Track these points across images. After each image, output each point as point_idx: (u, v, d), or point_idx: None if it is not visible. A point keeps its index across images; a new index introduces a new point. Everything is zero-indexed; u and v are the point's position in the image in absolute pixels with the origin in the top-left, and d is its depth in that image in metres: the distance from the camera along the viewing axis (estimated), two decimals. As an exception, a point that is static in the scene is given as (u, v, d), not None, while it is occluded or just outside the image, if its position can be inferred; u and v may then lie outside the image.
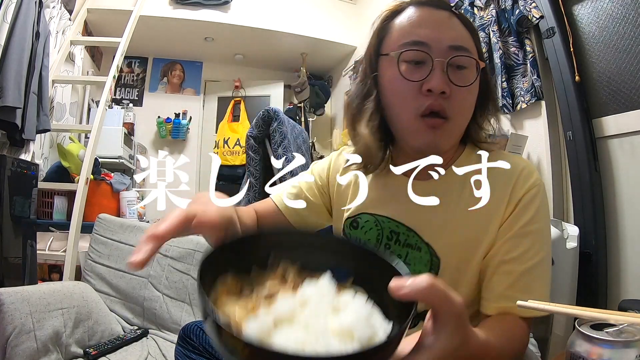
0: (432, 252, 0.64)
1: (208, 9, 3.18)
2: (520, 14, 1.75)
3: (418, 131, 0.62)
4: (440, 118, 0.60)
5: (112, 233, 1.57)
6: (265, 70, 4.09)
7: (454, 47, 0.61)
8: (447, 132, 0.62)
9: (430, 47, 0.61)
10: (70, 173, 2.21)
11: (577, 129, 1.59)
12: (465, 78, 0.61)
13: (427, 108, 0.60)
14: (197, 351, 0.82)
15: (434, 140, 0.61)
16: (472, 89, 0.63)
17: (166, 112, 3.68)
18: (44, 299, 1.16)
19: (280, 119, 1.97)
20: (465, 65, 0.61)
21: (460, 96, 0.61)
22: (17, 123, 1.75)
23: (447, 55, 0.60)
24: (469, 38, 0.64)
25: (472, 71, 0.62)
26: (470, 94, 0.63)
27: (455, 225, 0.64)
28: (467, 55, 0.61)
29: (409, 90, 0.61)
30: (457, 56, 0.60)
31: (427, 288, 0.35)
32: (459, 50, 0.61)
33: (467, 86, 0.61)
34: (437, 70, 0.60)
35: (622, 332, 0.40)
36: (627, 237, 1.51)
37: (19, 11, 1.82)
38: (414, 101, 0.61)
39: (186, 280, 1.46)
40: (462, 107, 0.62)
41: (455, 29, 0.63)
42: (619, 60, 1.50)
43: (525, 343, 0.59)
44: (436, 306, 0.37)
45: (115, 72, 2.37)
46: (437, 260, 0.64)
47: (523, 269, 0.60)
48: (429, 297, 0.35)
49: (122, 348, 1.29)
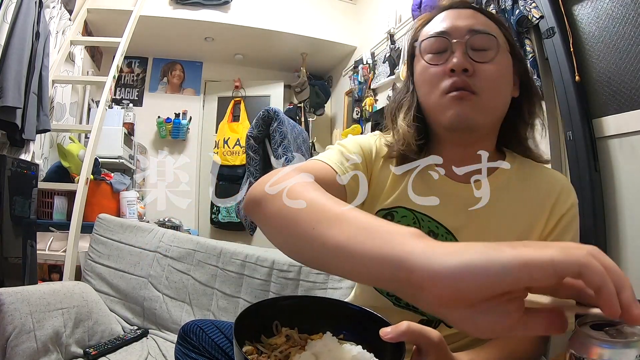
0: None
1: (208, 9, 3.18)
2: (520, 14, 1.75)
3: (446, 106, 0.63)
4: (467, 92, 0.61)
5: (112, 233, 1.57)
6: (265, 70, 4.09)
7: (473, 30, 0.63)
8: (475, 105, 0.62)
9: (450, 34, 0.64)
10: (70, 173, 2.21)
11: (577, 129, 1.59)
12: (487, 57, 0.62)
13: (452, 86, 0.62)
14: (196, 350, 0.82)
15: (462, 111, 0.62)
16: (501, 69, 0.63)
17: (166, 112, 3.68)
18: (44, 299, 1.16)
19: (280, 119, 1.97)
20: (486, 46, 0.63)
21: (485, 73, 0.62)
22: (17, 123, 1.75)
23: (466, 37, 0.62)
24: (494, 27, 0.65)
25: (495, 52, 0.62)
26: (498, 72, 0.63)
27: (496, 232, 0.64)
28: (486, 33, 0.62)
29: (435, 75, 0.64)
30: (476, 35, 0.62)
31: (405, 330, 0.42)
32: (479, 33, 0.62)
33: (488, 62, 0.62)
34: (458, 51, 0.62)
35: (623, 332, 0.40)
36: (627, 237, 1.51)
37: (19, 11, 1.82)
38: (440, 83, 0.63)
39: (186, 280, 1.46)
40: (490, 82, 0.62)
41: (478, 17, 0.65)
42: (619, 60, 1.50)
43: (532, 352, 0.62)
44: (416, 342, 0.44)
45: (115, 72, 2.37)
46: None
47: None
48: (409, 336, 0.42)
49: (122, 348, 1.29)
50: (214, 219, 3.67)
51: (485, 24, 0.65)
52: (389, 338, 0.42)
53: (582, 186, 1.58)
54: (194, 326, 0.83)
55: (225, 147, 3.69)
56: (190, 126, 3.76)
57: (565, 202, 0.66)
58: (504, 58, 0.64)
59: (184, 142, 3.78)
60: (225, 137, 3.73)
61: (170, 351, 1.27)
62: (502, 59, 0.64)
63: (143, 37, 2.94)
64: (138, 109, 3.69)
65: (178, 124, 3.69)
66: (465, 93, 0.61)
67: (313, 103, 3.77)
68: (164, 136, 3.70)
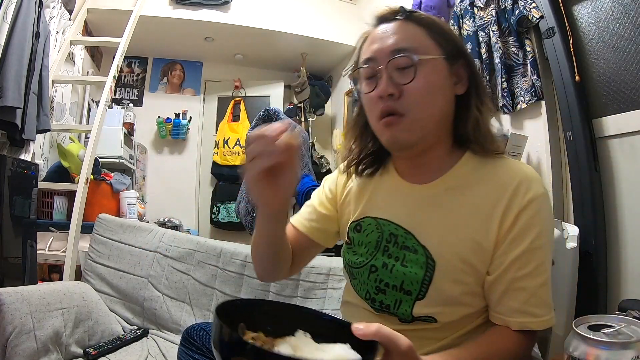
0: (428, 255, 0.66)
1: (208, 9, 3.18)
2: (520, 14, 1.75)
3: (380, 131, 0.69)
4: (394, 116, 0.66)
5: (112, 233, 1.57)
6: (265, 70, 4.08)
7: (394, 50, 0.65)
8: (404, 126, 0.66)
9: (376, 60, 0.67)
10: (70, 173, 2.21)
11: (577, 129, 1.59)
12: (411, 75, 0.65)
13: (381, 112, 0.66)
14: (199, 352, 0.83)
15: (392, 135, 0.67)
16: (429, 81, 0.65)
17: (166, 112, 3.67)
18: (44, 299, 1.16)
19: (280, 119, 1.97)
20: (408, 64, 0.65)
21: (411, 92, 0.65)
22: (17, 123, 1.75)
23: (388, 61, 0.65)
24: (420, 36, 0.67)
25: (419, 66, 0.64)
26: (424, 86, 0.65)
27: (450, 229, 0.65)
28: (403, 55, 0.65)
29: (371, 101, 0.68)
30: (394, 58, 0.65)
31: (375, 331, 0.45)
32: (399, 52, 0.65)
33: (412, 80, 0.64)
34: (382, 78, 0.66)
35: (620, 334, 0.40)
36: (627, 237, 1.51)
37: (19, 11, 1.82)
38: (375, 109, 0.68)
39: (186, 280, 1.46)
40: (416, 100, 0.65)
41: (402, 33, 0.67)
42: (619, 60, 1.50)
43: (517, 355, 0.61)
44: (384, 345, 0.45)
45: (115, 72, 2.37)
46: (433, 263, 0.65)
47: (537, 283, 0.61)
48: (378, 337, 0.45)
49: (122, 348, 1.29)
50: (213, 219, 3.67)
51: (410, 37, 0.66)
52: (360, 334, 0.45)
53: (582, 186, 1.58)
54: (198, 328, 0.85)
55: (225, 147, 3.69)
56: (190, 126, 3.75)
57: (525, 195, 0.63)
58: (430, 68, 0.65)
59: (184, 142, 3.78)
60: (225, 137, 3.72)
61: (170, 351, 1.27)
62: (427, 70, 0.65)
63: (143, 37, 2.93)
64: (138, 109, 3.69)
65: (178, 124, 3.69)
66: (392, 118, 0.66)
67: (313, 103, 3.77)
68: (164, 136, 3.70)
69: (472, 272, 0.64)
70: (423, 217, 0.68)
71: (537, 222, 0.63)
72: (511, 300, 0.62)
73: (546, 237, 0.63)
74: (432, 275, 0.65)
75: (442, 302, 0.64)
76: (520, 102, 1.82)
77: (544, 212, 0.64)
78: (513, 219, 0.63)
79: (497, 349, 0.60)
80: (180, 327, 1.39)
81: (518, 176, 0.65)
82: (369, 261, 0.71)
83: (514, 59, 1.84)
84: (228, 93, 3.92)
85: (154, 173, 3.64)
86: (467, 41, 2.04)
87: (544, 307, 0.61)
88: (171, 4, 3.13)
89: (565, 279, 1.45)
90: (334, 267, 1.33)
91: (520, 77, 1.82)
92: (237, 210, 2.26)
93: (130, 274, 1.50)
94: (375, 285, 0.69)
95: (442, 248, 0.65)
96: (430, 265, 0.65)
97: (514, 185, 0.64)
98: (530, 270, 0.61)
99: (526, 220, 0.62)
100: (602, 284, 1.53)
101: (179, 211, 3.46)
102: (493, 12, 1.90)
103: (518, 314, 0.61)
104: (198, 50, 3.78)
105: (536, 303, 0.61)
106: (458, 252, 0.64)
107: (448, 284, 0.64)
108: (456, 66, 0.68)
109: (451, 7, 2.24)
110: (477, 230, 0.64)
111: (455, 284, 0.64)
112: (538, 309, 0.60)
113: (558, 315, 1.42)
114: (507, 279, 0.62)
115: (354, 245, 0.75)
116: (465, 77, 0.69)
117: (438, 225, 0.66)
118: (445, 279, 0.64)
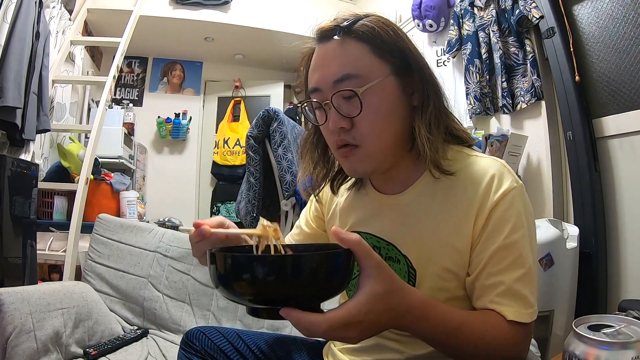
0: (409, 264, 0.66)
1: (208, 9, 3.18)
2: (520, 14, 1.75)
3: (340, 159, 0.68)
4: (349, 147, 0.64)
5: (112, 233, 1.57)
6: (265, 70, 4.08)
7: (337, 81, 0.61)
8: (361, 156, 0.64)
9: (321, 91, 0.63)
10: (70, 173, 2.21)
11: (577, 129, 1.59)
12: (357, 106, 0.61)
13: (337, 143, 0.65)
14: (199, 354, 0.83)
15: (351, 166, 0.66)
16: (377, 107, 0.62)
17: (166, 112, 3.68)
18: (44, 299, 1.16)
19: (280, 119, 1.97)
20: (352, 95, 0.61)
21: (363, 124, 0.62)
22: (17, 123, 1.75)
23: (332, 94, 0.62)
24: (362, 56, 0.62)
25: (365, 96, 0.61)
26: (374, 114, 0.62)
27: (426, 236, 0.65)
28: (345, 89, 0.61)
29: (326, 131, 0.66)
30: (338, 91, 0.61)
31: (355, 240, 0.47)
32: (342, 81, 0.61)
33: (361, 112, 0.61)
34: (331, 111, 0.62)
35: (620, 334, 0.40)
36: (627, 237, 1.51)
37: (19, 11, 1.82)
38: (330, 139, 0.66)
39: (186, 280, 1.46)
40: (369, 133, 0.62)
41: (342, 57, 0.62)
42: (619, 60, 1.50)
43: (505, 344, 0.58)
44: (360, 259, 0.47)
45: (115, 72, 2.37)
46: (414, 272, 0.65)
47: (514, 277, 0.59)
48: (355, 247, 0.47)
49: (122, 348, 1.29)
50: (214, 219, 3.67)
51: (352, 59, 0.62)
52: (339, 239, 0.47)
53: (582, 186, 1.58)
54: (197, 332, 0.85)
55: (225, 147, 3.69)
56: (190, 126, 3.75)
57: (496, 191, 0.61)
58: (379, 93, 0.62)
59: (184, 142, 3.78)
60: (225, 137, 3.73)
61: (170, 351, 1.27)
62: (375, 97, 0.61)
63: (143, 37, 2.94)
64: (138, 109, 3.69)
65: (178, 124, 3.69)
66: (348, 149, 0.64)
67: (313, 103, 3.76)
68: (164, 136, 3.70)
69: (452, 277, 0.63)
70: (401, 227, 0.68)
71: (510, 216, 0.60)
72: (488, 295, 0.60)
73: (522, 230, 0.61)
74: (414, 284, 0.65)
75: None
76: (520, 102, 1.82)
77: (518, 205, 0.61)
78: (486, 217, 0.61)
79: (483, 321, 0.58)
80: (180, 327, 1.39)
81: (488, 173, 0.63)
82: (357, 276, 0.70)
83: (514, 59, 1.84)
84: (228, 93, 3.92)
85: (154, 173, 3.64)
86: (467, 41, 2.04)
87: (520, 300, 0.59)
88: (171, 4, 3.13)
89: (565, 279, 1.46)
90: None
91: (520, 77, 1.83)
92: (237, 210, 2.26)
93: (130, 274, 1.49)
94: None
95: (420, 257, 0.65)
96: (412, 274, 0.66)
97: (485, 182, 0.62)
98: (506, 266, 0.59)
99: (499, 216, 0.60)
100: (602, 284, 1.53)
101: (179, 211, 3.47)
102: (493, 12, 1.90)
103: (493, 304, 0.59)
104: (198, 50, 3.78)
105: (511, 296, 0.59)
106: (436, 260, 0.63)
107: (430, 291, 0.63)
108: (409, 77, 0.64)
109: (451, 7, 2.24)
110: (452, 233, 0.63)
111: (438, 291, 0.64)
112: (514, 302, 0.58)
113: (558, 315, 1.43)
114: (483, 275, 0.61)
115: None
116: (419, 86, 0.64)
117: (415, 235, 0.66)
118: (427, 286, 0.64)
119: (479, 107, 1.98)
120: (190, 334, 0.85)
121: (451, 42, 2.15)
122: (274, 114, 1.97)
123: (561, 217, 1.68)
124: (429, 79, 0.65)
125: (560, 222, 1.51)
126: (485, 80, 1.96)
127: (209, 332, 0.84)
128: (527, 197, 0.64)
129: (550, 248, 1.41)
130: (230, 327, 0.88)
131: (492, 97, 1.98)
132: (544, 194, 1.75)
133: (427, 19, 2.32)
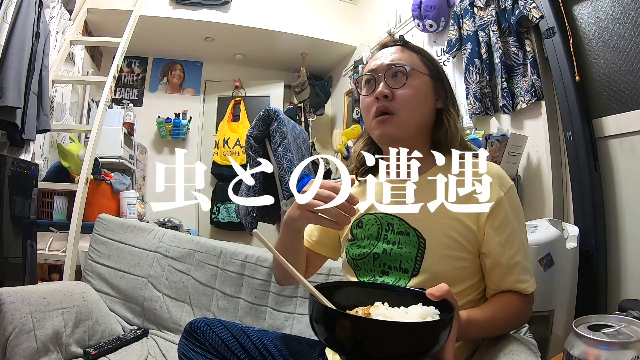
0: (419, 235, 0.78)
1: (208, 9, 3.18)
2: (520, 14, 1.75)
3: (374, 128, 0.83)
4: (387, 114, 0.81)
5: (112, 233, 1.57)
6: (265, 70, 4.08)
7: (391, 64, 0.83)
8: (394, 123, 0.81)
9: (375, 71, 0.84)
10: (70, 173, 2.21)
11: (577, 129, 1.59)
12: (401, 82, 0.81)
13: (377, 110, 0.82)
14: (203, 346, 0.83)
15: (385, 131, 0.82)
16: (416, 90, 0.81)
17: (166, 112, 3.68)
18: (44, 299, 1.16)
19: (280, 119, 1.97)
20: (402, 72, 0.82)
21: (401, 96, 0.81)
22: (17, 123, 1.75)
23: (386, 70, 0.83)
24: (413, 58, 0.84)
25: (410, 76, 0.81)
26: (412, 93, 0.81)
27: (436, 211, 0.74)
28: (398, 65, 0.82)
29: (368, 103, 0.84)
30: (392, 67, 0.82)
31: (447, 289, 0.60)
32: (395, 66, 0.82)
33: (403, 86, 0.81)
34: (380, 82, 0.83)
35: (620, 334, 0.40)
36: (627, 237, 1.51)
37: (19, 11, 1.82)
38: (371, 109, 0.83)
39: (186, 280, 1.46)
40: (405, 102, 0.81)
41: (398, 54, 0.85)
42: (619, 60, 1.50)
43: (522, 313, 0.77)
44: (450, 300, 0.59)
45: (115, 72, 2.37)
46: (424, 241, 0.78)
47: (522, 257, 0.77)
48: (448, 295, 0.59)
49: (122, 348, 1.29)
50: (214, 219, 3.67)
51: (406, 57, 0.84)
52: (436, 295, 0.58)
53: (582, 186, 1.58)
54: (201, 323, 0.85)
55: (225, 147, 3.69)
56: (190, 126, 3.75)
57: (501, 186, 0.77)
58: (419, 81, 0.82)
59: (184, 142, 3.78)
60: (225, 137, 3.72)
61: (171, 351, 1.27)
62: (416, 82, 0.82)
63: (143, 37, 2.93)
64: (138, 109, 3.69)
65: (178, 124, 3.69)
66: (385, 117, 0.81)
67: (313, 103, 3.77)
68: (164, 136, 3.70)
69: (459, 247, 0.76)
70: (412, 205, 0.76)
71: (514, 208, 0.78)
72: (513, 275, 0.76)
73: (519, 218, 0.79)
74: (423, 252, 0.77)
75: (434, 278, 0.74)
76: (520, 102, 1.82)
77: (517, 200, 0.80)
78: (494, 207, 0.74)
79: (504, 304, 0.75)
80: (180, 327, 1.39)
81: (492, 170, 0.76)
82: (371, 251, 0.83)
83: (514, 59, 1.84)
84: (228, 93, 3.92)
85: (154, 173, 3.64)
86: (467, 41, 2.04)
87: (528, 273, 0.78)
88: (171, 4, 3.13)
89: (565, 279, 1.45)
90: (334, 267, 1.33)
91: (520, 77, 1.82)
92: (237, 210, 2.27)
93: (130, 274, 1.49)
94: (380, 269, 0.81)
95: (430, 227, 0.77)
96: (421, 243, 0.77)
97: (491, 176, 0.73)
98: (517, 248, 0.76)
99: (506, 209, 0.77)
100: (602, 284, 1.53)
101: (179, 211, 3.46)
102: (493, 12, 1.90)
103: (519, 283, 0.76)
104: (198, 50, 3.78)
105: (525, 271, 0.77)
106: (444, 230, 0.76)
107: (438, 259, 0.76)
108: (438, 86, 0.85)
109: (451, 7, 2.24)
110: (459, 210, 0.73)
111: (445, 259, 0.76)
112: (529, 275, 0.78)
113: (558, 315, 1.42)
114: (503, 260, 0.76)
115: (357, 240, 0.85)
116: (444, 96, 0.85)
117: (425, 210, 0.73)
118: (435, 254, 0.76)
119: (479, 107, 1.98)
120: (194, 325, 0.85)
121: (451, 42, 2.15)
122: (274, 114, 1.97)
123: (561, 217, 1.67)
124: (451, 95, 0.86)
125: (560, 222, 1.51)
126: (485, 80, 1.96)
127: (214, 324, 0.85)
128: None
129: (550, 248, 1.41)
130: (235, 322, 0.89)
131: (492, 97, 1.98)
132: (544, 194, 1.75)
133: (427, 19, 2.32)
